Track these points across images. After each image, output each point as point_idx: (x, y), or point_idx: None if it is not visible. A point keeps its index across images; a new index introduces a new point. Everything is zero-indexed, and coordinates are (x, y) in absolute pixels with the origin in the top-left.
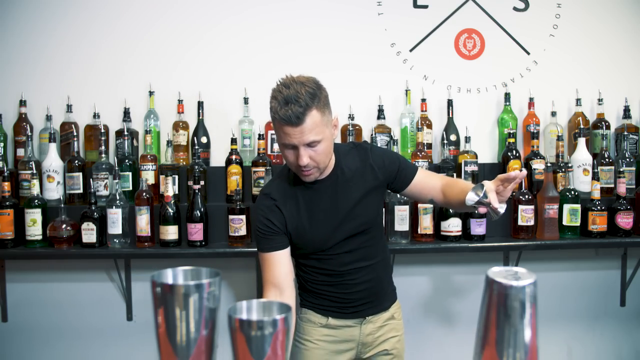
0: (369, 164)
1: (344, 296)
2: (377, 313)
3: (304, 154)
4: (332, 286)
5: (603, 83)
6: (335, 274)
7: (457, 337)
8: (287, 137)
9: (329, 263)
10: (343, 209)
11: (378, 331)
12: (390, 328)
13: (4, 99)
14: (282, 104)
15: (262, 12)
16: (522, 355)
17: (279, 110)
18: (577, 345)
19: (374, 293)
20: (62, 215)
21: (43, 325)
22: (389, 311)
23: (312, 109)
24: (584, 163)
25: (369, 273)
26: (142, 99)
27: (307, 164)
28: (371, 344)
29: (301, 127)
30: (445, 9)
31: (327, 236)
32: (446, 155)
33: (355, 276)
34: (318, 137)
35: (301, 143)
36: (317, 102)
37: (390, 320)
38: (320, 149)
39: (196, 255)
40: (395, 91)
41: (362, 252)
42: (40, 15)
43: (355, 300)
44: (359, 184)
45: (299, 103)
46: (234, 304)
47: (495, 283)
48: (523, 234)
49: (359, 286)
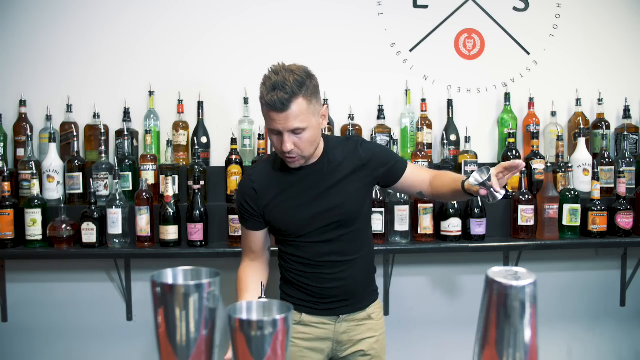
0: (358, 156)
1: (318, 291)
2: (351, 312)
3: (287, 140)
4: (308, 278)
5: (603, 83)
6: (311, 264)
7: (456, 337)
8: (272, 122)
9: (305, 251)
10: (324, 197)
11: (353, 330)
12: (367, 328)
13: (4, 99)
14: (270, 89)
15: (262, 12)
16: (522, 355)
17: (265, 96)
18: (577, 345)
19: (349, 292)
20: (62, 215)
21: (43, 325)
22: (366, 311)
23: (298, 97)
24: (584, 163)
25: (346, 270)
26: (142, 99)
27: (291, 150)
28: (346, 342)
29: (286, 113)
30: (445, 9)
31: (305, 222)
32: (446, 155)
33: (330, 270)
34: (303, 125)
35: (285, 129)
36: (304, 90)
37: (366, 320)
38: (304, 137)
39: (196, 255)
40: (395, 91)
41: (340, 245)
42: (40, 15)
43: (329, 297)
44: (344, 174)
45: (285, 90)
46: (234, 304)
47: (495, 283)
48: (523, 234)
49: (333, 282)
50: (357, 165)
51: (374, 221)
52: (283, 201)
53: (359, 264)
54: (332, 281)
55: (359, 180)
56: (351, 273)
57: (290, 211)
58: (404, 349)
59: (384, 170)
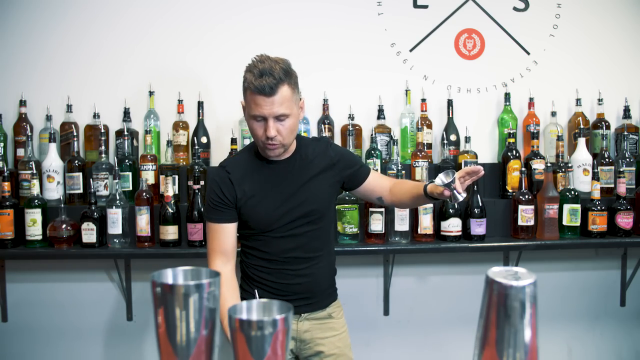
0: (328, 155)
1: (281, 287)
2: (313, 311)
3: (272, 125)
4: (271, 274)
5: (603, 83)
6: (275, 260)
7: (456, 337)
8: (258, 108)
9: (271, 246)
10: (295, 190)
11: (315, 329)
12: (329, 327)
13: (4, 99)
14: (257, 75)
15: (263, 13)
16: (522, 355)
17: (253, 81)
18: (577, 345)
19: (312, 290)
20: (62, 215)
21: (43, 325)
22: (326, 310)
23: (284, 84)
24: (584, 163)
25: (309, 267)
26: (142, 99)
27: (274, 136)
28: (309, 341)
29: (273, 98)
30: (445, 9)
31: (275, 215)
32: (446, 155)
33: (294, 267)
34: (287, 111)
35: (271, 114)
36: (289, 79)
37: (327, 319)
38: (287, 124)
39: (196, 255)
40: (395, 91)
41: (306, 241)
42: (40, 15)
43: (292, 294)
44: (315, 171)
45: (273, 76)
46: (233, 304)
47: (495, 283)
48: (523, 234)
49: (297, 278)
50: (327, 164)
51: (374, 221)
52: (257, 193)
53: (321, 262)
54: (296, 277)
55: (328, 179)
56: (314, 270)
57: (262, 203)
58: (404, 348)
59: (350, 172)
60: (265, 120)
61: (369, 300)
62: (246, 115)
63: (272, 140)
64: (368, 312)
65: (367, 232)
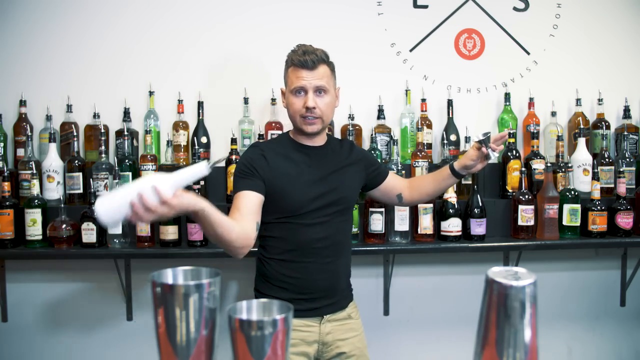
0: (354, 152)
1: (303, 284)
2: (334, 312)
3: (312, 97)
4: (294, 269)
5: (603, 83)
6: (300, 253)
7: (456, 337)
8: (299, 80)
9: (298, 234)
10: (327, 175)
11: (337, 330)
12: (349, 328)
13: (4, 99)
14: (301, 54)
15: (262, 13)
16: (522, 355)
17: (298, 57)
18: (577, 345)
19: (333, 287)
20: (62, 215)
21: (43, 325)
22: (346, 310)
23: (324, 63)
24: (584, 163)
25: (332, 263)
26: (142, 99)
27: (314, 107)
28: (331, 343)
29: (314, 71)
30: (445, 9)
31: (308, 197)
32: (446, 155)
33: (319, 260)
34: (326, 86)
35: (311, 86)
36: (328, 61)
37: (347, 319)
38: (325, 100)
39: (196, 255)
40: (395, 91)
41: (333, 231)
42: (40, 15)
43: (315, 292)
44: (346, 162)
45: (315, 54)
46: (233, 304)
47: (495, 283)
48: (523, 234)
49: (320, 274)
50: (354, 159)
51: (374, 221)
52: (291, 173)
53: (343, 259)
54: (320, 272)
55: (357, 172)
56: (336, 267)
57: (297, 184)
58: (404, 348)
59: (373, 169)
60: (305, 93)
61: (369, 300)
62: (287, 93)
63: (311, 112)
64: (368, 312)
65: (367, 232)
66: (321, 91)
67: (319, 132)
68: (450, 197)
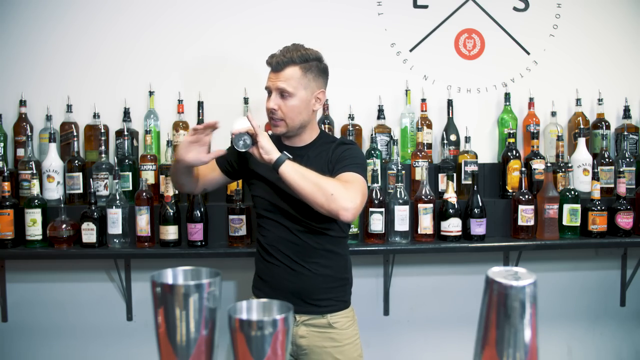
0: (335, 153)
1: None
2: (306, 313)
3: (274, 98)
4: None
5: (603, 83)
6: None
7: (456, 337)
8: (268, 81)
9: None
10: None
11: (314, 336)
12: (329, 337)
13: (4, 99)
14: (277, 53)
15: (262, 12)
16: (522, 355)
17: (270, 57)
18: (577, 345)
19: (300, 285)
20: (62, 215)
21: (43, 325)
22: (325, 317)
23: (294, 65)
24: (584, 163)
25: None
26: (142, 99)
27: (274, 109)
28: (305, 348)
29: (279, 73)
30: (445, 9)
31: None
32: (446, 155)
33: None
34: (290, 89)
35: (274, 87)
36: (303, 63)
37: (328, 328)
38: (289, 103)
39: (196, 255)
40: (395, 91)
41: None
42: (40, 15)
43: (282, 289)
44: (326, 165)
45: (285, 56)
46: (234, 304)
47: (495, 283)
48: (523, 234)
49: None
50: (333, 161)
51: (374, 221)
52: (267, 170)
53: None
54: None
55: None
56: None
57: (268, 180)
58: (404, 348)
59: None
60: (271, 94)
61: (369, 300)
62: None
63: (273, 114)
64: (368, 312)
65: (367, 232)
66: (284, 94)
67: (285, 134)
68: (450, 197)
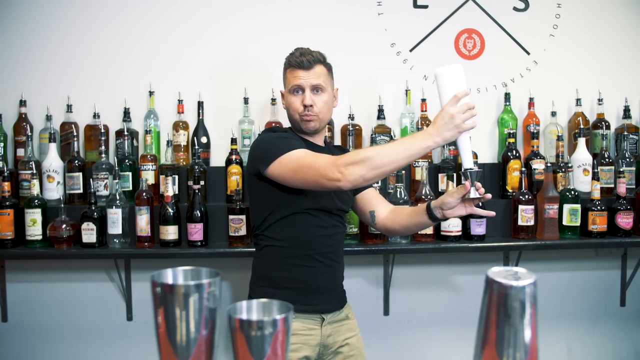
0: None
1: (307, 279)
2: (334, 310)
3: (309, 95)
4: (297, 266)
5: (603, 83)
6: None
7: (457, 337)
8: (296, 79)
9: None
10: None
11: (337, 332)
12: (347, 328)
13: (4, 99)
14: (298, 55)
15: (262, 13)
16: (522, 355)
17: (295, 58)
18: (577, 345)
19: (333, 283)
20: (62, 215)
21: (43, 325)
22: (343, 311)
23: (321, 63)
24: (584, 163)
25: (333, 259)
26: (142, 99)
27: (311, 105)
28: (331, 345)
29: (310, 71)
30: (445, 9)
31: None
32: (446, 155)
33: (322, 250)
34: (323, 84)
35: (308, 84)
36: (325, 61)
37: (345, 320)
38: (322, 98)
39: (196, 255)
40: (395, 91)
41: (337, 222)
42: (40, 16)
43: (317, 289)
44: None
45: (312, 55)
46: (233, 304)
47: (495, 283)
48: (523, 234)
49: (322, 268)
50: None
51: None
52: None
53: (340, 256)
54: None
55: None
56: (336, 263)
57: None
58: (404, 348)
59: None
60: (302, 92)
61: (369, 300)
62: (285, 94)
63: (308, 110)
64: (368, 312)
65: (367, 232)
66: (318, 89)
67: (317, 130)
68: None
